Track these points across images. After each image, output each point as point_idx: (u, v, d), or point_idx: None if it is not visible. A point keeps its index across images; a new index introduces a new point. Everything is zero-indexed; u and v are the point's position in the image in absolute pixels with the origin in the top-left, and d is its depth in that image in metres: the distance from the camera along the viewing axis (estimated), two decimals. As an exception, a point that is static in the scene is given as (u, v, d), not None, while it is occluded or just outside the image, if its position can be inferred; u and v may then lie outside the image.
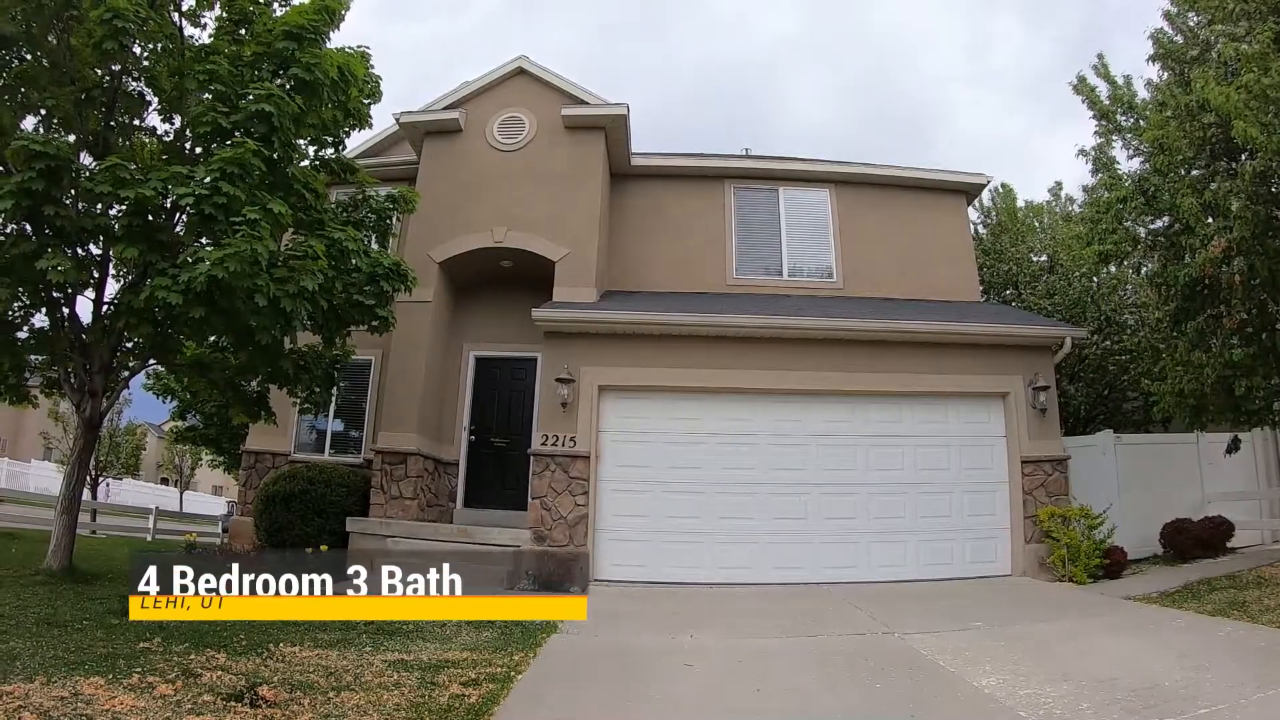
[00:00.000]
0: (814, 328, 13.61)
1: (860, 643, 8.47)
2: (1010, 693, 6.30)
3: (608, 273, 16.29)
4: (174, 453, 54.54)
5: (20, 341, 11.41)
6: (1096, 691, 6.22)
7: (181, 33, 11.59)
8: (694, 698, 6.67)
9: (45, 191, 9.36)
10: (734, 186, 17.37)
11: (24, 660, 6.47)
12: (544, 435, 13.51)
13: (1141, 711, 5.77)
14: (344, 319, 12.05)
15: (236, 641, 7.82)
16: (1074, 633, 8.70)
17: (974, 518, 13.00)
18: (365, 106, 12.29)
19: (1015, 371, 13.43)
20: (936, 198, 17.42)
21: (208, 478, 66.17)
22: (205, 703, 5.73)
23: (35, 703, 5.36)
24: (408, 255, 15.16)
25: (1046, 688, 6.36)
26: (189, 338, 11.80)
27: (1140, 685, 6.33)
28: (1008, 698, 6.18)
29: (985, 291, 20.30)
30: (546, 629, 9.06)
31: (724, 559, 12.76)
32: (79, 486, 11.57)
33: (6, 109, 10.62)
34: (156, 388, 24.29)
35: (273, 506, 14.26)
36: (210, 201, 9.43)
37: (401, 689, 6.40)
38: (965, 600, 10.84)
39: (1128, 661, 7.20)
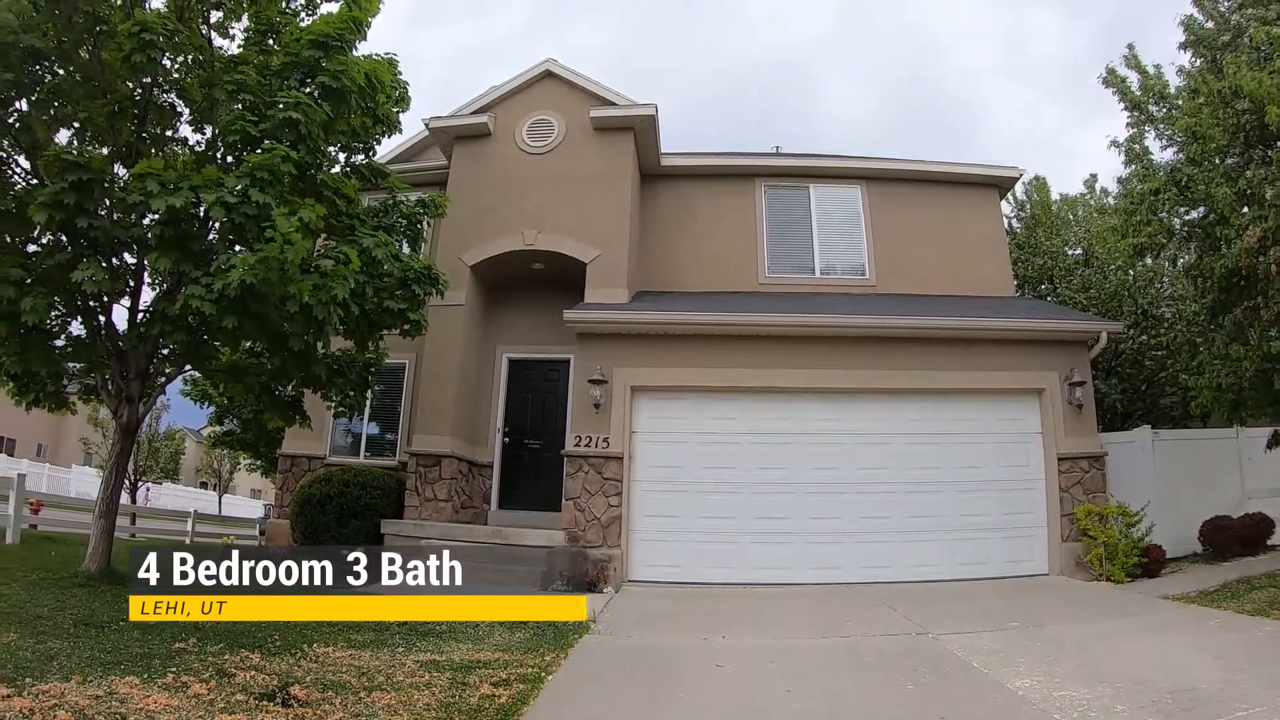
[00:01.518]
0: (846, 325, 13.54)
1: (893, 643, 8.43)
2: (1044, 694, 6.22)
3: (639, 273, 16.27)
4: (212, 457, 55.19)
5: (58, 349, 11.55)
6: (1132, 693, 6.13)
7: (210, 44, 11.72)
8: (724, 698, 6.67)
9: (78, 203, 9.47)
10: (764, 185, 17.29)
11: (61, 660, 6.55)
12: (577, 436, 13.55)
13: (1177, 714, 5.68)
14: (376, 323, 12.08)
15: (271, 642, 7.90)
16: (1110, 633, 8.58)
17: (1010, 516, 12.85)
18: (394, 113, 12.34)
19: (1051, 367, 13.26)
20: (969, 192, 17.26)
21: (246, 481, 66.80)
22: (238, 702, 5.79)
23: (71, 701, 5.43)
24: (440, 259, 15.23)
25: (1081, 689, 6.28)
26: (224, 344, 11.89)
27: (1177, 686, 6.23)
28: (1041, 699, 6.10)
29: (1020, 286, 20.13)
30: (579, 629, 9.09)
31: (758, 559, 12.70)
32: (117, 490, 11.70)
33: (41, 122, 10.76)
34: (194, 393, 24.57)
35: (308, 509, 14.41)
36: (240, 210, 9.50)
37: (432, 689, 6.44)
38: (1001, 600, 10.74)
39: (1164, 662, 7.11)
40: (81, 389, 13.03)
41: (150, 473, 48.03)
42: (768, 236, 16.98)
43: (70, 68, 10.93)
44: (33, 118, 10.63)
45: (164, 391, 12.80)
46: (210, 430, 32.81)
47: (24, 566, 11.46)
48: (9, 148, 10.64)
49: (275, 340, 11.05)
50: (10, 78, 9.63)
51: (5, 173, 10.69)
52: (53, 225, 9.83)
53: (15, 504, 14.91)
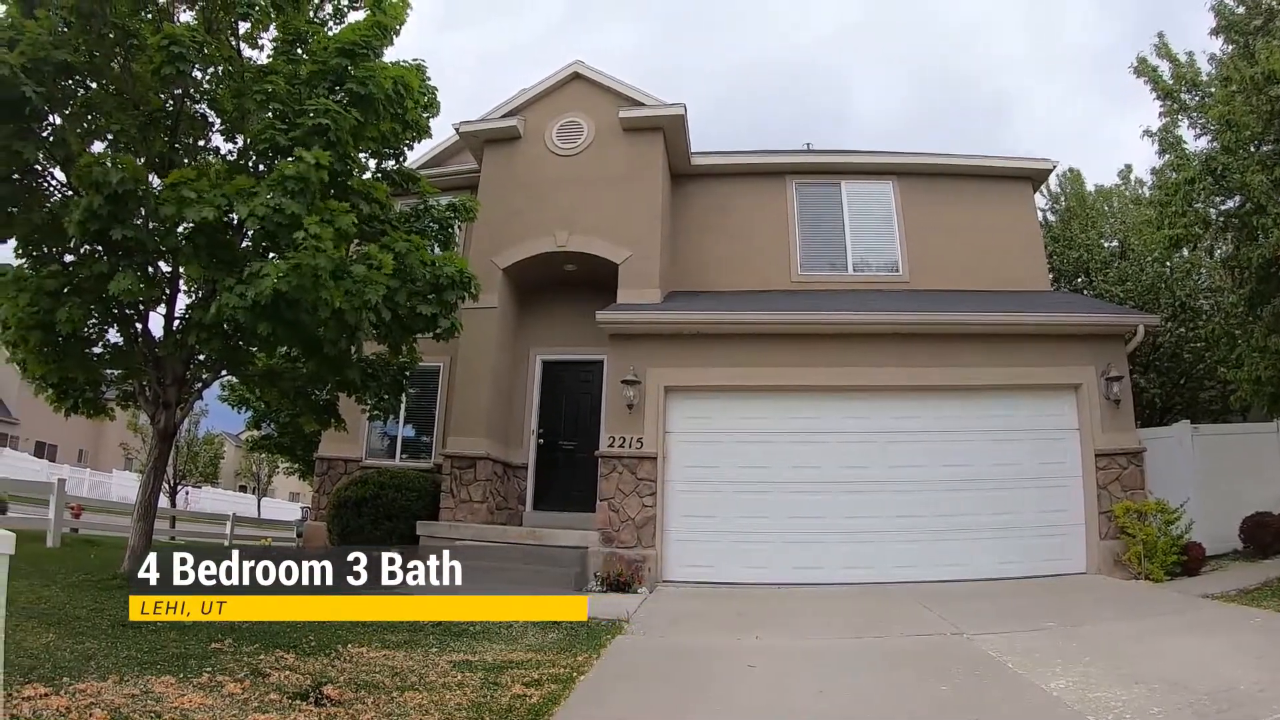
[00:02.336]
0: (879, 322, 13.48)
1: (927, 644, 8.38)
2: (1079, 696, 6.13)
3: (671, 273, 16.26)
4: (251, 461, 55.72)
5: (95, 357, 11.77)
6: (1169, 694, 6.03)
7: (240, 54, 11.85)
8: (755, 699, 6.65)
9: (112, 214, 9.60)
10: (795, 182, 17.20)
11: (98, 660, 6.65)
12: (611, 437, 13.57)
13: (1215, 716, 5.58)
14: (409, 327, 12.14)
15: (305, 642, 7.98)
16: (1148, 633, 8.45)
17: (1046, 514, 12.66)
18: (424, 118, 12.41)
19: (1087, 362, 13.06)
20: (1002, 185, 17.02)
21: (285, 484, 67.41)
22: (271, 701, 5.85)
23: (107, 700, 5.52)
24: (472, 261, 15.23)
25: (1117, 690, 6.18)
26: (258, 350, 12.00)
27: (1215, 688, 6.12)
28: (1076, 701, 6.02)
29: (1055, 280, 19.95)
30: (611, 629, 9.13)
31: (792, 559, 12.64)
32: (154, 494, 11.89)
33: (75, 135, 10.92)
34: (231, 399, 24.88)
35: (344, 511, 14.57)
36: (272, 219, 9.58)
37: (464, 689, 6.47)
38: (1037, 599, 10.61)
39: (1203, 663, 6.99)
40: (119, 395, 13.25)
41: (190, 477, 48.60)
42: (800, 234, 16.89)
43: (102, 81, 11.10)
44: (67, 131, 10.79)
45: (201, 397, 12.93)
46: (248, 434, 33.12)
47: (64, 569, 11.65)
48: (45, 161, 10.78)
49: (309, 345, 11.17)
50: (43, 92, 9.73)
51: (42, 185, 10.84)
52: (88, 236, 9.98)
53: (56, 509, 15.20)
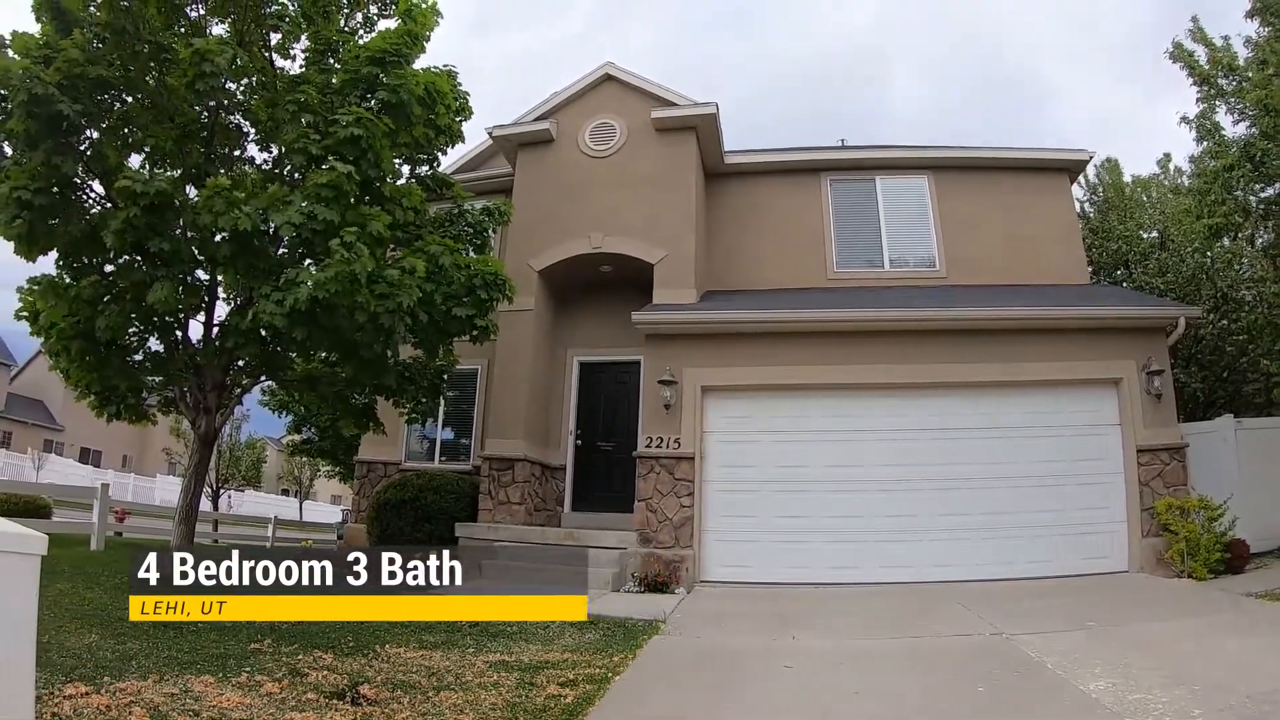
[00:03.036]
0: (915, 319, 13.35)
1: (965, 644, 8.30)
2: (1119, 698, 6.03)
3: (707, 272, 16.27)
4: (293, 464, 56.24)
5: (136, 364, 12.01)
6: (1211, 696, 5.92)
7: (272, 64, 12.00)
8: (790, 700, 6.62)
9: (149, 225, 9.76)
10: (830, 179, 17.11)
11: (139, 660, 6.74)
12: (648, 438, 13.57)
13: (1257, 719, 5.50)
14: (445, 330, 12.23)
15: (344, 643, 8.04)
16: (1190, 633, 8.32)
17: (1087, 511, 12.44)
18: (456, 123, 12.49)
19: (1128, 356, 12.82)
20: (1038, 177, 16.77)
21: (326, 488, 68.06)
22: (308, 700, 5.90)
23: (146, 699, 5.58)
24: (508, 264, 15.32)
25: (1157, 692, 6.08)
26: (296, 355, 12.15)
27: (1259, 690, 6.01)
28: (1115, 703, 5.92)
29: (1095, 272, 19.72)
30: (648, 630, 9.17)
31: (830, 558, 12.55)
32: (196, 498, 12.08)
33: (113, 148, 11.11)
34: (272, 403, 25.21)
35: (384, 513, 14.73)
36: (307, 227, 9.69)
37: (500, 689, 6.50)
38: (1078, 598, 10.43)
39: (1246, 664, 6.88)
40: (161, 401, 13.42)
41: (232, 480, 49.12)
42: (835, 231, 16.80)
43: (138, 95, 11.29)
44: (105, 145, 11.00)
45: (241, 402, 13.13)
46: (289, 438, 33.48)
47: (107, 572, 11.79)
48: (83, 174, 10.96)
49: (346, 350, 11.34)
50: (79, 108, 9.92)
51: (81, 198, 11.00)
52: (126, 247, 10.16)
53: (100, 513, 15.45)
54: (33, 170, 10.00)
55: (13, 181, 9.92)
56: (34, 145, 10.01)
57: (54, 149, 10.02)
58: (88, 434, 59.39)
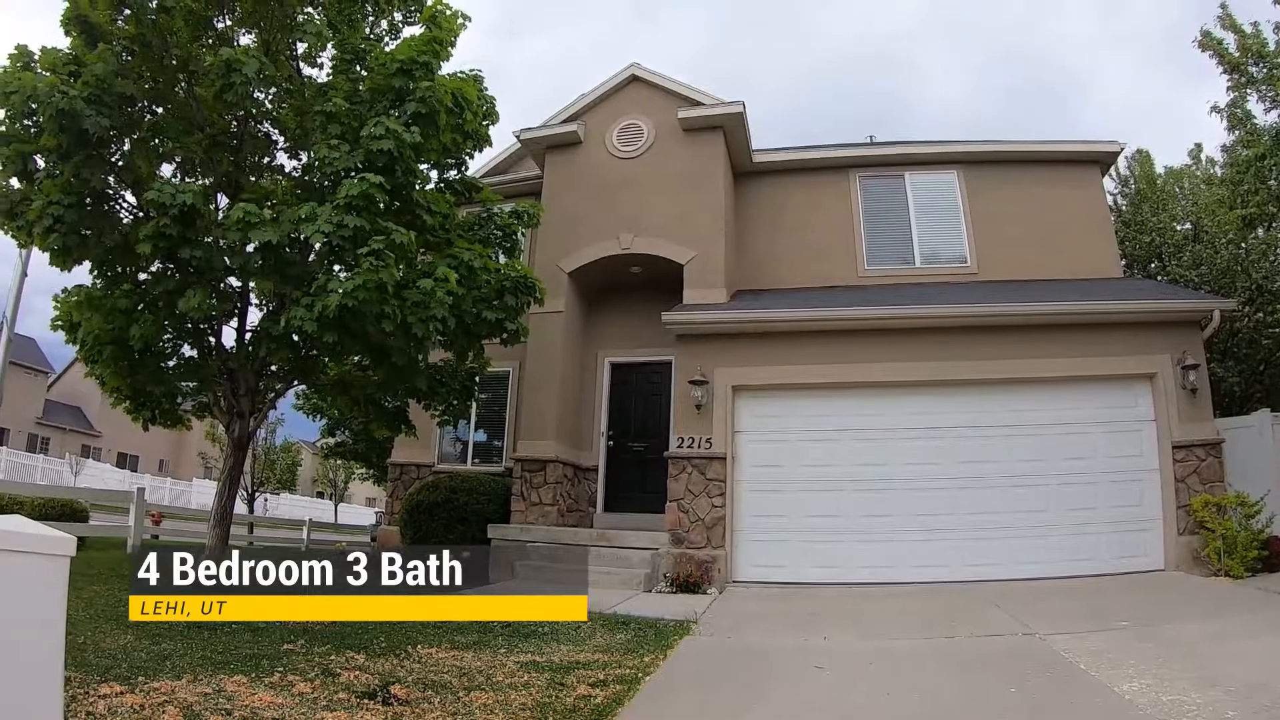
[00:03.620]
0: (946, 315, 13.27)
1: (998, 644, 8.24)
2: (1152, 699, 5.95)
3: (737, 271, 16.26)
4: (327, 468, 56.69)
5: (170, 370, 12.18)
6: (1246, 697, 5.83)
7: (299, 73, 12.10)
8: (820, 701, 6.59)
9: (181, 234, 9.89)
10: (859, 176, 17.02)
11: (173, 660, 6.84)
12: (680, 438, 13.57)
13: (1294, 721, 5.39)
14: (475, 333, 12.29)
15: (376, 643, 8.10)
16: (1226, 633, 8.21)
17: (1122, 509, 12.28)
18: (484, 127, 12.50)
19: (1162, 350, 12.63)
20: (1069, 170, 16.55)
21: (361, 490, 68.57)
22: (340, 700, 5.95)
23: (180, 698, 5.65)
24: (538, 267, 15.44)
25: (1192, 693, 5.98)
26: (328, 359, 12.24)
27: (1295, 691, 5.91)
28: (1149, 704, 5.85)
29: (1128, 266, 19.52)
30: (679, 630, 9.16)
31: (862, 558, 12.50)
32: (230, 501, 12.20)
33: (144, 159, 11.25)
34: (306, 407, 25.44)
35: (417, 515, 14.84)
36: (337, 234, 9.77)
37: (530, 689, 6.51)
38: (1112, 598, 10.34)
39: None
40: (195, 406, 13.59)
41: (267, 484, 49.52)
42: (865, 228, 16.73)
43: (167, 106, 11.49)
44: (135, 156, 11.16)
45: (275, 406, 13.25)
46: (323, 442, 33.74)
47: None
48: (115, 185, 11.12)
49: (377, 354, 11.43)
50: (108, 122, 10.06)
51: (113, 209, 11.15)
52: (158, 256, 10.30)
53: (135, 516, 15.63)
54: (64, 183, 10.18)
55: (46, 196, 10.09)
56: (65, 159, 10.18)
57: (84, 162, 10.20)
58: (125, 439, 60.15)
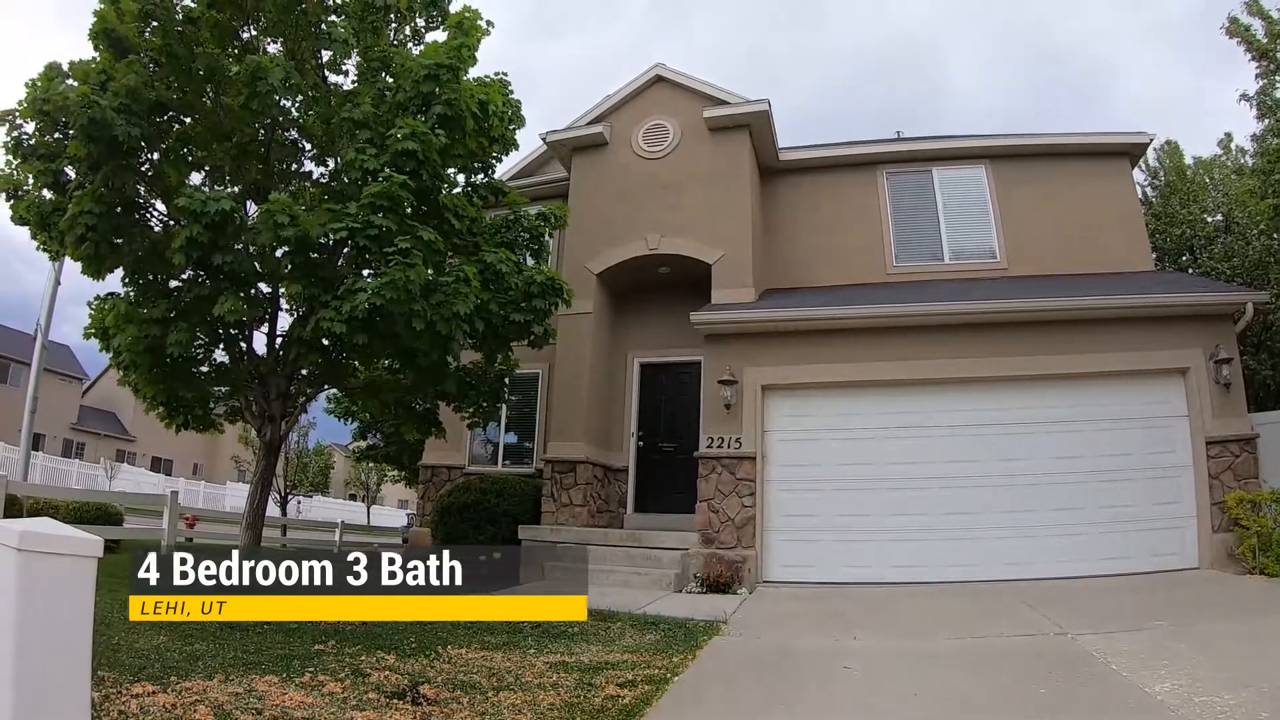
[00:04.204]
0: (975, 311, 13.10)
1: (1029, 644, 8.15)
2: (1184, 700, 5.87)
3: (765, 270, 16.24)
4: (359, 470, 57.11)
5: (202, 375, 12.36)
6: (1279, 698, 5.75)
7: (325, 80, 12.20)
8: (848, 701, 6.56)
9: (212, 241, 9.99)
10: (886, 172, 16.95)
11: (205, 660, 6.92)
12: (709, 438, 13.57)
13: (1329, 723, 5.30)
14: (502, 336, 12.38)
15: (406, 644, 8.17)
16: (1260, 632, 8.09)
17: (1156, 506, 12.09)
18: (510, 132, 12.55)
19: (1194, 344, 12.42)
20: (1098, 163, 16.37)
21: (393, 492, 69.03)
22: (369, 700, 6.00)
23: (211, 698, 5.72)
24: (566, 268, 15.52)
25: (1224, 695, 5.89)
26: (358, 361, 12.36)
27: (1331, 692, 5.80)
28: (1180, 705, 5.77)
29: (1159, 259, 19.32)
30: (709, 630, 9.15)
31: (893, 557, 12.44)
32: (262, 504, 12.37)
33: (173, 168, 11.41)
34: (337, 411, 25.64)
35: (448, 517, 14.93)
36: (364, 234, 9.86)
37: (559, 689, 6.54)
38: (1145, 596, 10.22)
39: (1319, 665, 6.63)
40: (227, 411, 13.74)
41: (300, 487, 49.89)
42: (893, 225, 16.65)
43: (195, 115, 11.66)
44: (165, 165, 11.34)
45: (306, 410, 13.37)
46: (355, 445, 33.97)
47: None
48: (146, 194, 11.28)
49: (406, 357, 11.53)
50: (137, 131, 10.22)
51: (144, 217, 11.30)
52: (190, 263, 10.42)
53: (169, 519, 15.78)
54: (94, 192, 10.32)
55: (76, 205, 10.25)
56: (95, 168, 10.36)
57: (114, 171, 10.38)
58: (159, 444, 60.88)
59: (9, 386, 54.27)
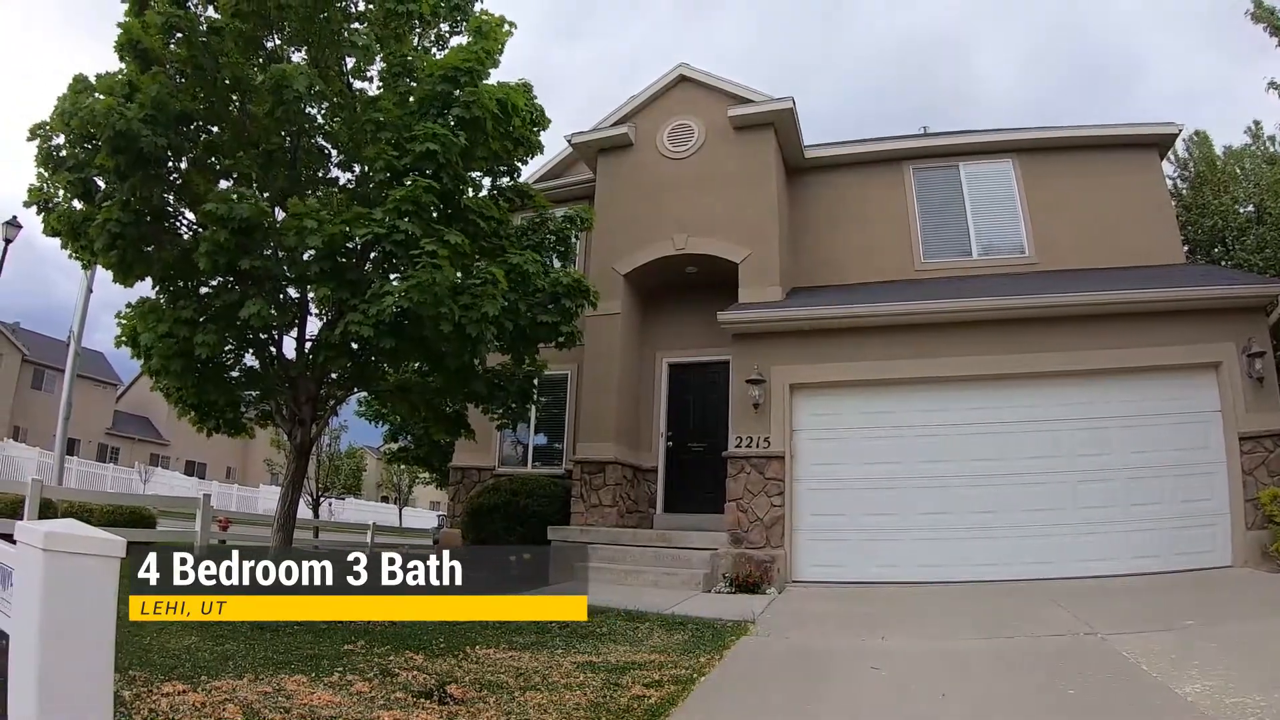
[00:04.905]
0: (1002, 307, 12.98)
1: (1058, 644, 8.03)
2: (1214, 701, 5.75)
3: (792, 269, 16.20)
4: (391, 472, 57.51)
5: (233, 380, 12.50)
6: None
7: (349, 87, 12.31)
8: (875, 702, 6.53)
9: (240, 246, 10.10)
10: (913, 168, 16.84)
11: (236, 660, 7.01)
12: (738, 437, 13.56)
13: (1363, 724, 5.20)
14: (530, 338, 12.46)
15: (435, 644, 8.22)
16: None
17: (1188, 504, 11.87)
18: (534, 134, 12.59)
19: (1226, 338, 12.18)
20: (1127, 154, 16.06)
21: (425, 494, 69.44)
22: (397, 699, 6.04)
23: (240, 697, 5.79)
24: (593, 270, 15.58)
25: (1256, 696, 5.77)
26: (387, 365, 12.46)
27: (1364, 694, 5.69)
28: (1211, 706, 5.66)
29: (1191, 252, 19.07)
30: (736, 631, 9.13)
31: (922, 556, 12.36)
32: (293, 506, 12.47)
33: (201, 176, 11.55)
34: (368, 413, 25.78)
35: (478, 518, 15.06)
36: (390, 239, 9.94)
37: (585, 689, 6.55)
38: (1176, 596, 10.04)
39: (1354, 665, 6.51)
40: (258, 415, 13.87)
41: (332, 489, 50.33)
42: (920, 221, 16.53)
43: (222, 124, 11.84)
44: (193, 173, 11.52)
45: (336, 413, 13.48)
46: (386, 447, 34.19)
47: None
48: (174, 202, 11.46)
49: (434, 359, 11.59)
50: (164, 141, 10.39)
51: (174, 225, 11.47)
52: (217, 269, 10.53)
53: (202, 521, 16.02)
54: (122, 202, 10.50)
55: (105, 214, 10.43)
56: (123, 178, 10.54)
57: (141, 181, 10.55)
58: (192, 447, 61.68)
59: (45, 393, 55.36)
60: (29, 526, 3.07)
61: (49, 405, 49.26)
